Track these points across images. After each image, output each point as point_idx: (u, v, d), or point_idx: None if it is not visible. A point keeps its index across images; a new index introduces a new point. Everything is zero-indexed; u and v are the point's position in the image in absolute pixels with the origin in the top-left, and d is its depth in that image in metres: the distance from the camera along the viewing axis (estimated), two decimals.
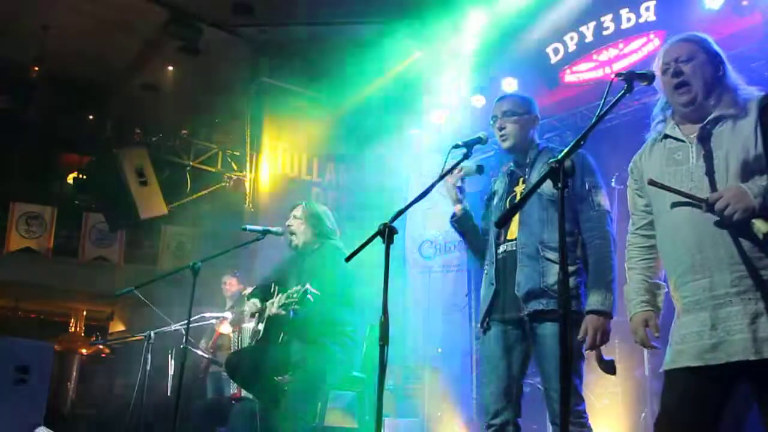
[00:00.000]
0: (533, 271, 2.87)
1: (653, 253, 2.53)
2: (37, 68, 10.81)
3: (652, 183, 2.37)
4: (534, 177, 3.01)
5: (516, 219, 2.98)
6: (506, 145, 3.12)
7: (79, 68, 10.51)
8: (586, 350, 2.74)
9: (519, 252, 2.93)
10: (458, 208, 3.19)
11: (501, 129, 3.12)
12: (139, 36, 9.26)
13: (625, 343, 5.65)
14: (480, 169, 3.11)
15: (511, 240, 2.98)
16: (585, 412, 2.82)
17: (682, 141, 2.41)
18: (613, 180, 5.37)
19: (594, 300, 2.76)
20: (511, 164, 3.20)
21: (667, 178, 2.36)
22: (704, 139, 2.35)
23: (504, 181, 3.18)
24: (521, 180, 3.09)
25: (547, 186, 2.42)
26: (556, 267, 2.80)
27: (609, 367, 2.73)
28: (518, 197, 3.02)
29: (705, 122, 2.37)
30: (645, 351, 5.65)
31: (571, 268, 2.84)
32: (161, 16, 8.26)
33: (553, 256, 2.84)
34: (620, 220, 3.17)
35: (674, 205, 2.33)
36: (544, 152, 3.09)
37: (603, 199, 2.92)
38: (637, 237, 2.58)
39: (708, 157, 2.32)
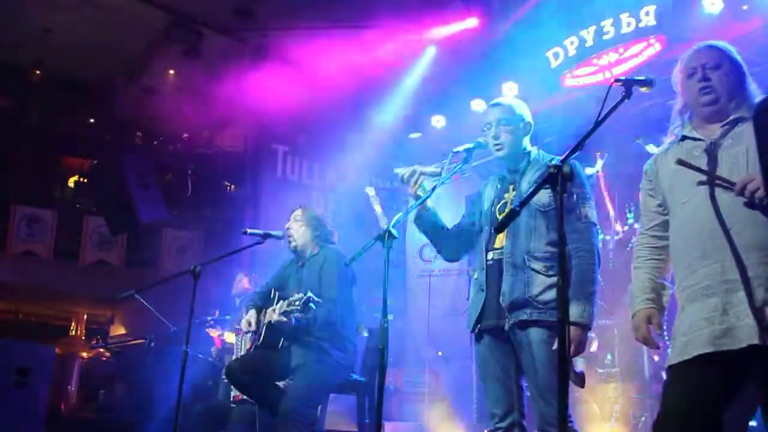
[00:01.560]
0: (518, 281, 2.86)
1: (663, 255, 2.55)
2: (38, 71, 10.86)
3: (680, 162, 2.39)
4: (525, 185, 3.00)
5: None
6: (501, 154, 3.09)
7: (81, 71, 10.54)
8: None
9: (505, 261, 2.92)
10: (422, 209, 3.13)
11: (496, 138, 3.08)
12: (141, 39, 9.28)
13: (625, 346, 5.66)
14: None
15: (499, 248, 2.98)
16: (570, 416, 2.83)
17: (701, 140, 2.46)
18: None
19: (573, 312, 2.73)
20: (503, 171, 3.19)
21: (685, 175, 2.40)
22: (724, 136, 2.41)
23: (495, 188, 3.18)
24: (512, 187, 3.08)
25: (537, 196, 2.46)
26: (542, 277, 2.84)
27: (579, 380, 2.75)
28: (509, 205, 3.01)
29: (725, 122, 2.43)
30: (645, 355, 5.69)
31: (554, 279, 2.83)
32: (162, 20, 8.28)
33: (539, 266, 2.85)
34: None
35: (700, 183, 2.35)
36: (535, 160, 3.09)
37: (590, 211, 2.92)
38: (646, 237, 2.61)
39: (727, 153, 2.37)
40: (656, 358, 5.67)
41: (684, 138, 2.52)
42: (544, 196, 2.85)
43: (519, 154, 3.11)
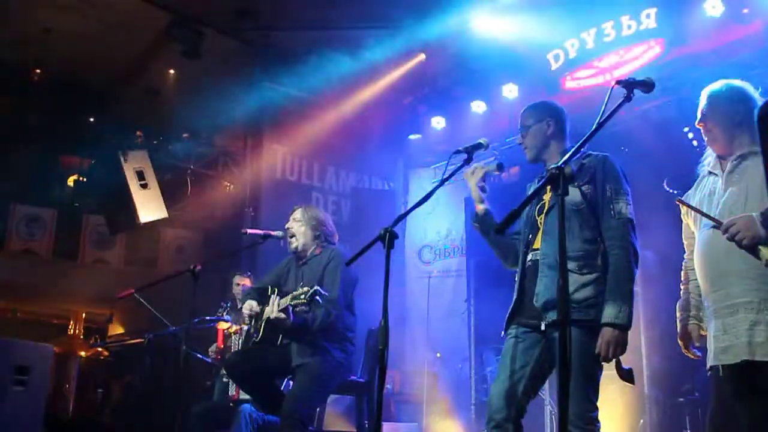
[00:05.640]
0: (552, 282, 2.83)
1: None
2: (38, 71, 10.83)
3: (679, 201, 2.90)
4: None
5: (541, 229, 2.99)
6: (528, 157, 3.19)
7: (81, 71, 10.50)
8: (601, 362, 2.75)
9: (541, 262, 2.92)
10: (480, 207, 3.20)
11: (521, 144, 3.21)
12: (141, 39, 9.26)
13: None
14: (500, 167, 3.16)
15: (536, 249, 2.98)
16: (598, 420, 2.83)
17: (717, 175, 2.88)
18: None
19: (609, 312, 2.73)
20: (543, 172, 3.19)
21: (703, 207, 2.82)
22: (731, 173, 2.80)
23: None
24: (549, 188, 3.09)
25: (570, 196, 2.61)
26: (575, 276, 2.82)
27: (627, 376, 2.78)
28: (546, 205, 3.02)
29: (733, 158, 2.80)
30: (643, 359, 5.75)
31: (590, 277, 2.82)
32: (163, 20, 8.27)
33: (572, 265, 2.81)
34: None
35: (704, 225, 2.78)
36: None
37: (625, 207, 2.87)
38: (688, 262, 3.04)
39: (730, 189, 2.76)
40: (650, 360, 5.70)
41: (710, 173, 2.93)
42: (577, 194, 2.89)
43: (548, 154, 3.13)
